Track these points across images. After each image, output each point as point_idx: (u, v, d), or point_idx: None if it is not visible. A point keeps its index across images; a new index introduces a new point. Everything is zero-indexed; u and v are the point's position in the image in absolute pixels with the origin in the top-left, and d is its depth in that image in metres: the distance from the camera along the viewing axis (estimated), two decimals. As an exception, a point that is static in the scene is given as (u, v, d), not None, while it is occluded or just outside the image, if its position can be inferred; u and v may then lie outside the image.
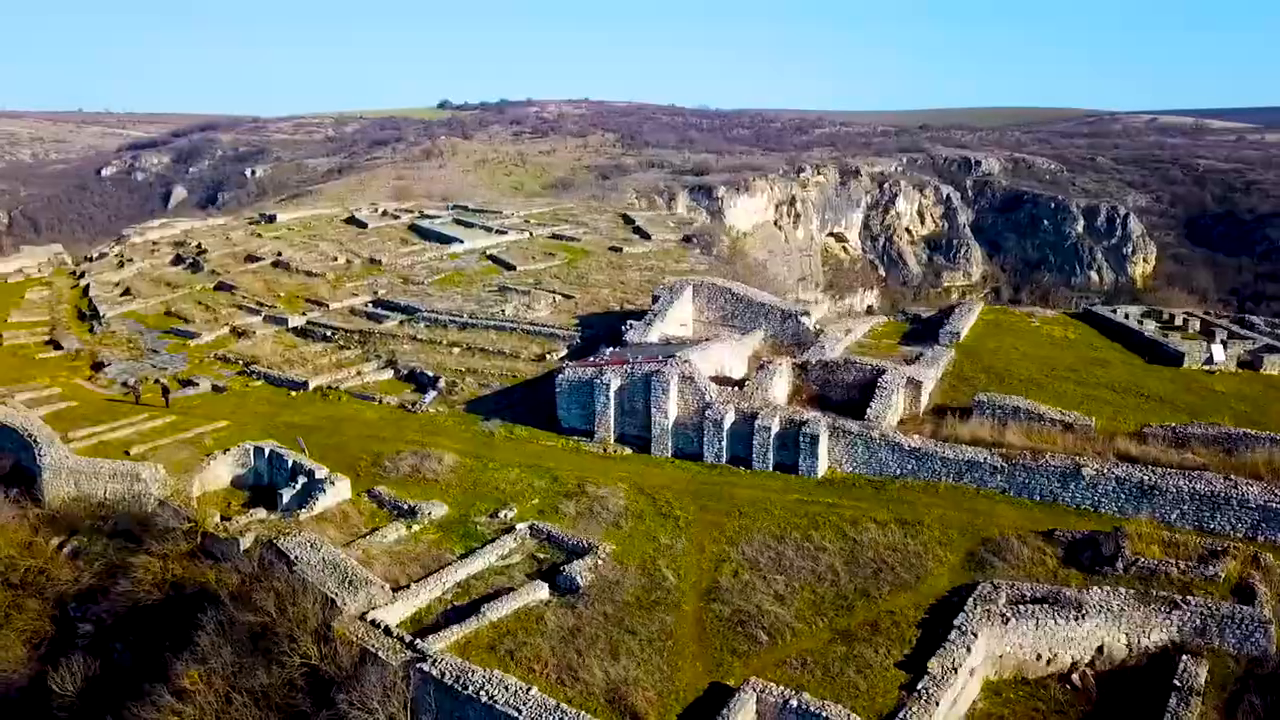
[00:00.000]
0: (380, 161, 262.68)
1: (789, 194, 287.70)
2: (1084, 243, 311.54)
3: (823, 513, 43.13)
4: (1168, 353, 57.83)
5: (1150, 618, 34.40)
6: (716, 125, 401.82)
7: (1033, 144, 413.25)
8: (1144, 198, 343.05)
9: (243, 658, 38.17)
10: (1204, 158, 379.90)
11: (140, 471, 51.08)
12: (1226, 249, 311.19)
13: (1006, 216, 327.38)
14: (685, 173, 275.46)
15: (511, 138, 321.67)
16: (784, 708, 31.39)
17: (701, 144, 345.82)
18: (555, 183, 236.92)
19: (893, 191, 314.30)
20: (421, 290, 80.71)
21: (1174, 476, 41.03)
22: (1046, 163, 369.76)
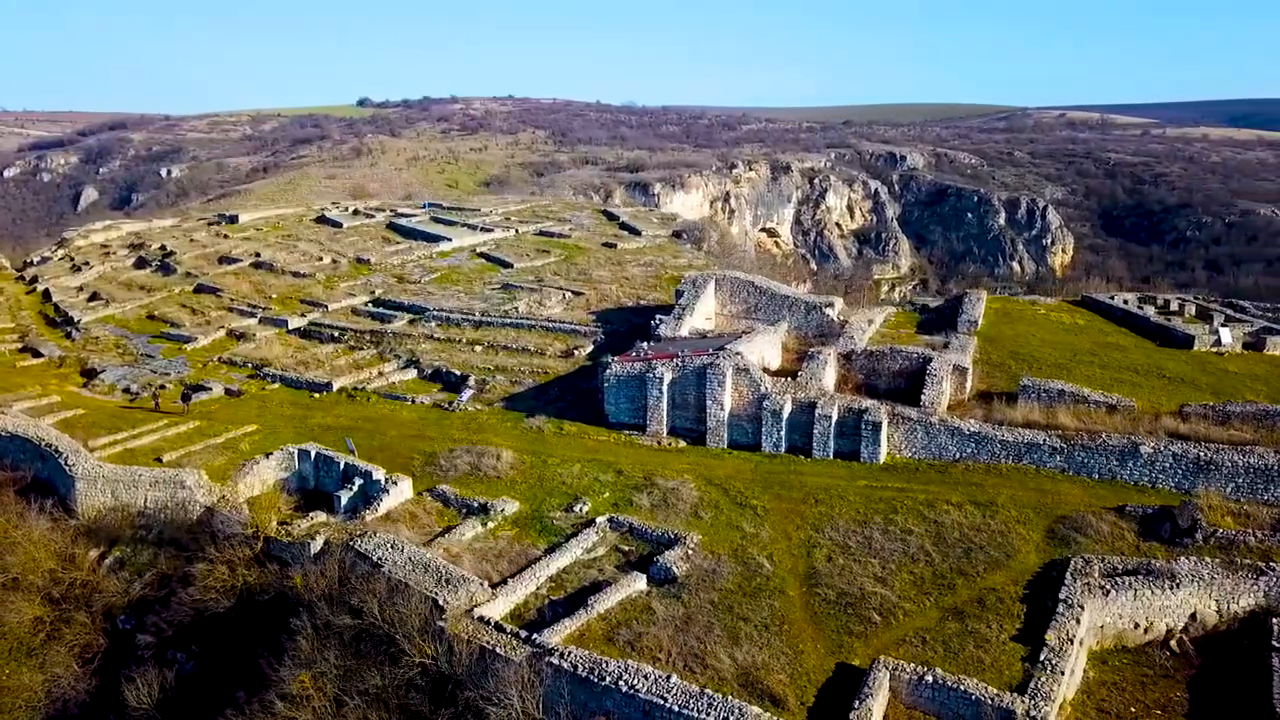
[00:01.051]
0: (307, 160, 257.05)
1: (723, 190, 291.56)
2: (1006, 234, 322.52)
3: (896, 497, 44.41)
4: (1177, 336, 60.79)
5: (1238, 584, 36.43)
6: (646, 122, 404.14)
7: (953, 139, 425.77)
8: (1060, 190, 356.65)
9: (347, 660, 37.71)
10: (1113, 152, 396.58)
11: (184, 478, 49.76)
12: (1138, 238, 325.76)
13: (932, 210, 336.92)
14: (620, 169, 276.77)
15: (440, 135, 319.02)
16: (919, 683, 32.46)
17: (634, 141, 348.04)
18: (490, 180, 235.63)
19: (823, 187, 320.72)
20: (421, 289, 79.82)
21: (1228, 452, 43.42)
22: (968, 157, 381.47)
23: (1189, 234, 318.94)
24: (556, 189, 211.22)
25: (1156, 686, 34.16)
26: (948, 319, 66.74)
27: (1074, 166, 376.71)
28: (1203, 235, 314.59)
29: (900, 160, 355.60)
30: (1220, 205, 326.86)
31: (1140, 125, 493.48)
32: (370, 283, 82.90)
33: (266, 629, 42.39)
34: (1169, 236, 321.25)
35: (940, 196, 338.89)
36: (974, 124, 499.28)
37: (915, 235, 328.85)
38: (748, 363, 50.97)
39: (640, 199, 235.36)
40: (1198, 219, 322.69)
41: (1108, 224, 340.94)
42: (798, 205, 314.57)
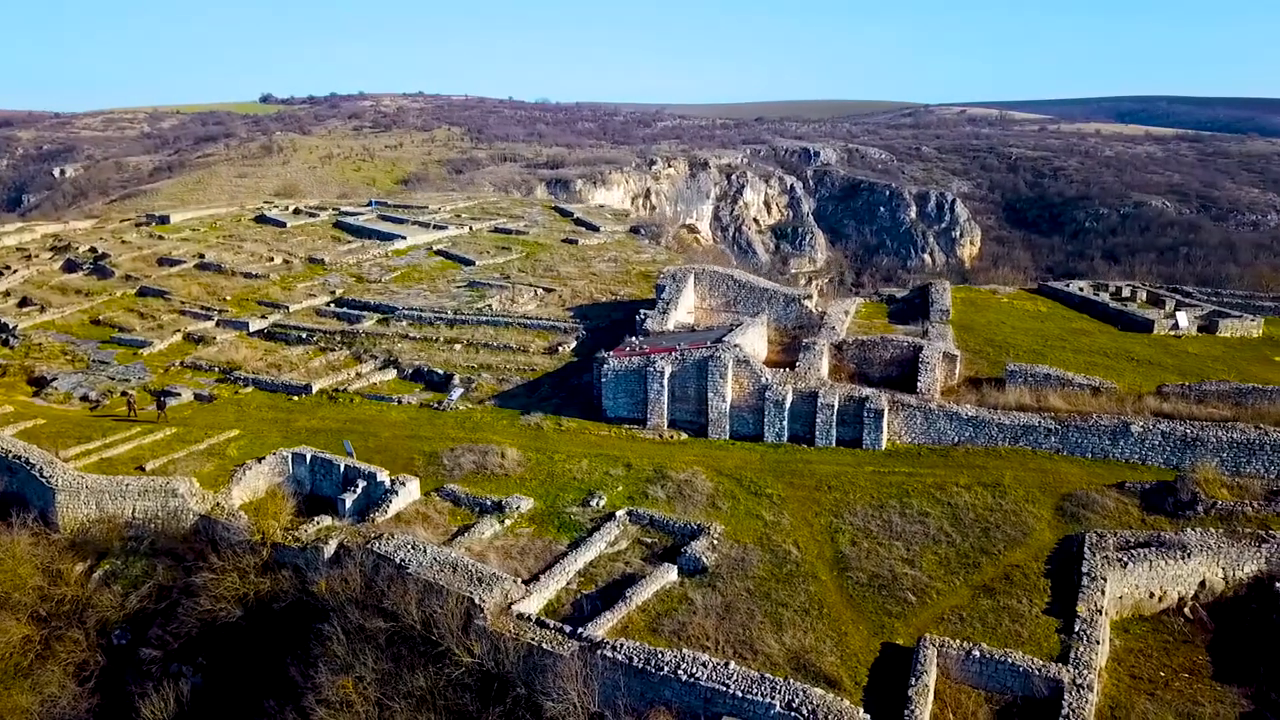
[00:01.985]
0: (215, 159, 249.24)
1: (644, 186, 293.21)
2: (917, 227, 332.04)
3: (906, 481, 45.71)
4: (1136, 321, 63.85)
5: (1243, 552, 38.64)
6: (562, 119, 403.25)
7: (863, 135, 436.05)
8: (966, 184, 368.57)
9: (384, 664, 37.17)
10: (1014, 147, 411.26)
11: (176, 486, 48.14)
12: (1040, 230, 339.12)
13: (846, 205, 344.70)
14: (540, 166, 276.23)
15: (352, 132, 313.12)
16: (967, 658, 33.61)
17: (551, 137, 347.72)
18: (408, 177, 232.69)
19: (740, 183, 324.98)
20: (384, 288, 78.44)
21: (1212, 428, 45.93)
22: (878, 153, 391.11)
23: (1087, 225, 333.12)
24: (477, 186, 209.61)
25: (1179, 651, 36.03)
26: (918, 308, 68.70)
27: (978, 161, 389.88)
28: (1100, 226, 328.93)
29: (814, 156, 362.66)
30: (1115, 197, 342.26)
31: (1037, 121, 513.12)
32: (328, 283, 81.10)
33: (287, 636, 41.49)
34: (1069, 228, 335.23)
35: (853, 191, 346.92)
36: (881, 120, 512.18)
37: (830, 230, 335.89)
38: (747, 354, 51.69)
39: (561, 195, 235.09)
40: (1095, 211, 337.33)
41: (1011, 216, 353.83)
42: (716, 201, 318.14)
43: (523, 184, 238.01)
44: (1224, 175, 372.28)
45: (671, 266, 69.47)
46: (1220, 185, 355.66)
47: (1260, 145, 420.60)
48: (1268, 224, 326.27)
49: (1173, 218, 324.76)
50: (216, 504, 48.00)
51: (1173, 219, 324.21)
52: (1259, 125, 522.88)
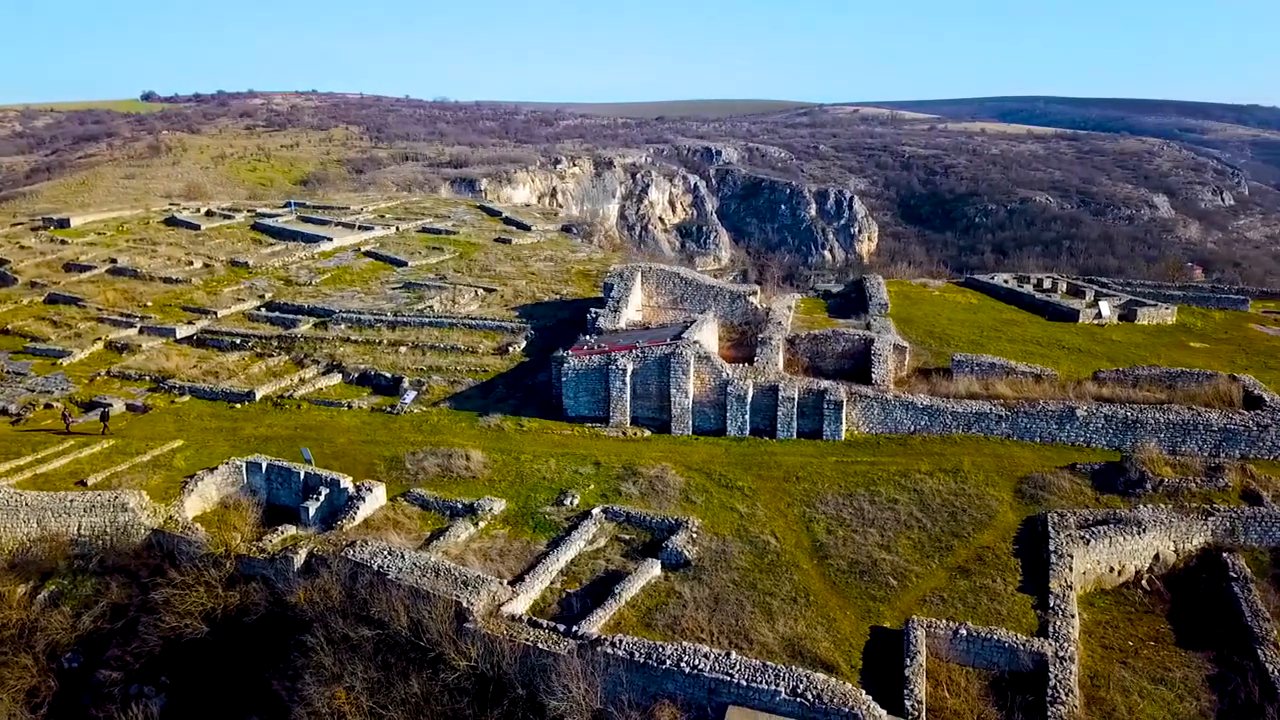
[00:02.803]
0: (98, 159, 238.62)
1: (549, 185, 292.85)
2: (817, 225, 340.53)
3: (870, 470, 47.06)
4: (1063, 311, 67.00)
5: (1191, 526, 41.10)
6: (463, 118, 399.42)
7: (762, 134, 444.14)
8: (863, 182, 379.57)
9: (374, 672, 36.52)
10: (907, 145, 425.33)
11: (126, 500, 46.20)
12: (934, 226, 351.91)
13: (748, 203, 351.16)
14: (443, 165, 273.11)
15: (244, 131, 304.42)
16: (954, 637, 34.93)
17: (453, 136, 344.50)
18: (307, 177, 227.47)
19: (645, 181, 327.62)
20: (315, 291, 76.50)
21: (1150, 410, 48.64)
22: (778, 151, 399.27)
23: (977, 220, 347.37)
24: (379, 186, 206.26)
25: (1142, 621, 38.15)
26: (855, 303, 70.63)
27: (873, 159, 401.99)
28: (989, 221, 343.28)
29: (716, 155, 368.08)
30: (1002, 194, 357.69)
31: (926, 120, 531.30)
32: (255, 286, 78.67)
33: (262, 650, 40.33)
34: (960, 223, 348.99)
35: (755, 190, 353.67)
36: (779, 119, 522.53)
37: (733, 228, 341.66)
38: (708, 350, 52.38)
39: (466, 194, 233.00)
40: (984, 207, 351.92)
41: (906, 213, 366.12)
42: (622, 200, 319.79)
43: (426, 183, 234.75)
44: (1100, 172, 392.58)
45: (617, 265, 69.74)
46: (1097, 181, 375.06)
47: (1132, 144, 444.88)
48: (1141, 218, 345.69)
49: (1056, 213, 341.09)
50: (170, 517, 46.29)
51: (1056, 214, 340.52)
52: (1130, 125, 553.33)
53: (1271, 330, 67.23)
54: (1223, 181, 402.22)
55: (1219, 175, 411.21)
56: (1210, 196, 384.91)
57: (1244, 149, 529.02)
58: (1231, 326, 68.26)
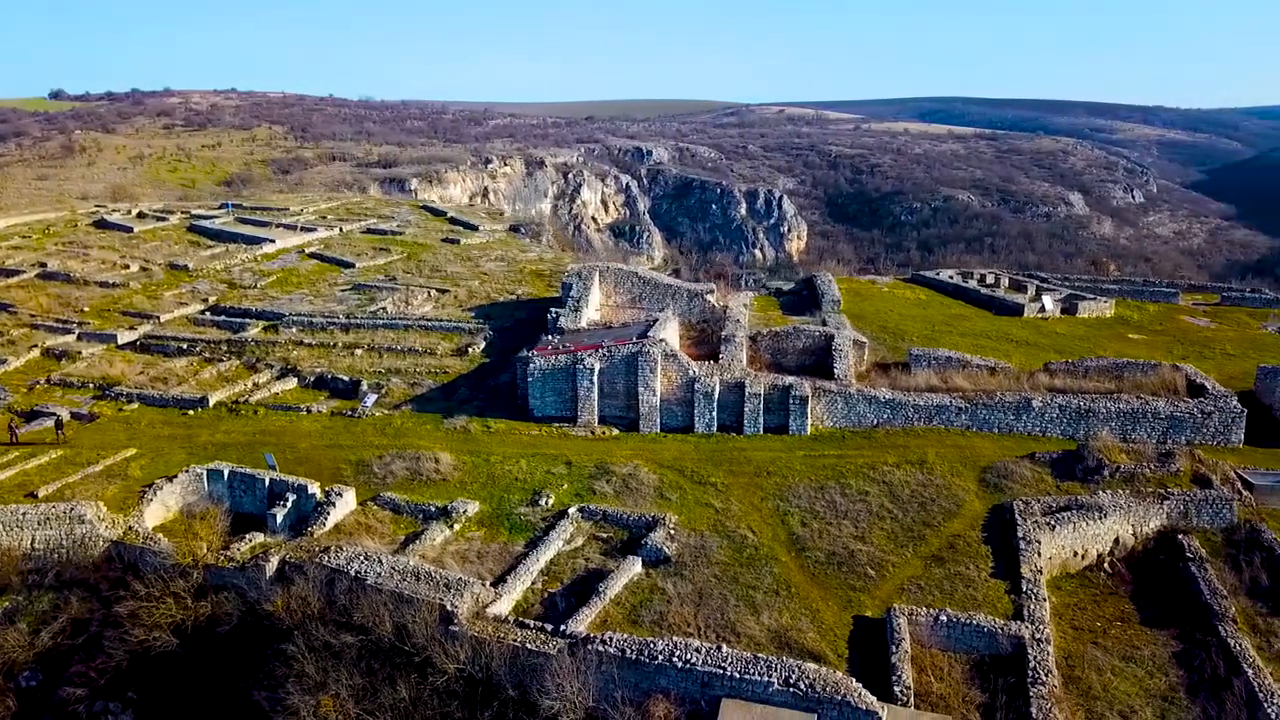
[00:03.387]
0: (6, 160, 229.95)
1: (481, 185, 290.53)
2: (748, 224, 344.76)
3: (838, 463, 47.94)
4: (1008, 306, 69.06)
5: (1148, 510, 42.84)
6: (390, 117, 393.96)
7: (692, 134, 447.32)
8: (791, 181, 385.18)
9: (358, 679, 36.06)
10: (833, 145, 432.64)
11: (83, 512, 44.82)
12: (861, 224, 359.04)
13: (679, 202, 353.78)
14: (372, 165, 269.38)
15: (163, 131, 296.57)
16: (935, 623, 35.90)
17: (380, 136, 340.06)
18: (231, 178, 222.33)
19: (577, 181, 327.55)
20: (262, 294, 74.89)
21: (1101, 400, 50.51)
22: (708, 151, 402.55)
23: (903, 218, 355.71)
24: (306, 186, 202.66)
25: (1108, 603, 39.65)
26: (806, 300, 71.76)
27: (801, 159, 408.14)
28: (914, 219, 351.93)
29: (647, 155, 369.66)
30: (926, 192, 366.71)
31: (851, 120, 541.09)
32: (197, 290, 76.68)
33: (237, 660, 39.47)
34: (887, 221, 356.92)
35: (686, 189, 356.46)
36: (707, 119, 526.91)
37: (665, 227, 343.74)
38: (673, 348, 52.76)
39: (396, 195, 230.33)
40: (909, 205, 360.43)
41: (834, 211, 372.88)
42: (554, 199, 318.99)
43: (355, 184, 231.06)
44: (1019, 171, 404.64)
45: (575, 265, 69.73)
46: (1016, 180, 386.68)
47: (1048, 143, 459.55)
48: (1058, 215, 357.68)
49: (978, 210, 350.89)
50: (130, 528, 45.03)
51: (978, 211, 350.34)
52: (1044, 125, 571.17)
53: (1202, 321, 70.31)
54: (1133, 180, 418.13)
55: (1129, 174, 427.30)
56: (1121, 194, 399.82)
57: (1150, 148, 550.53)
58: (1165, 318, 71.20)
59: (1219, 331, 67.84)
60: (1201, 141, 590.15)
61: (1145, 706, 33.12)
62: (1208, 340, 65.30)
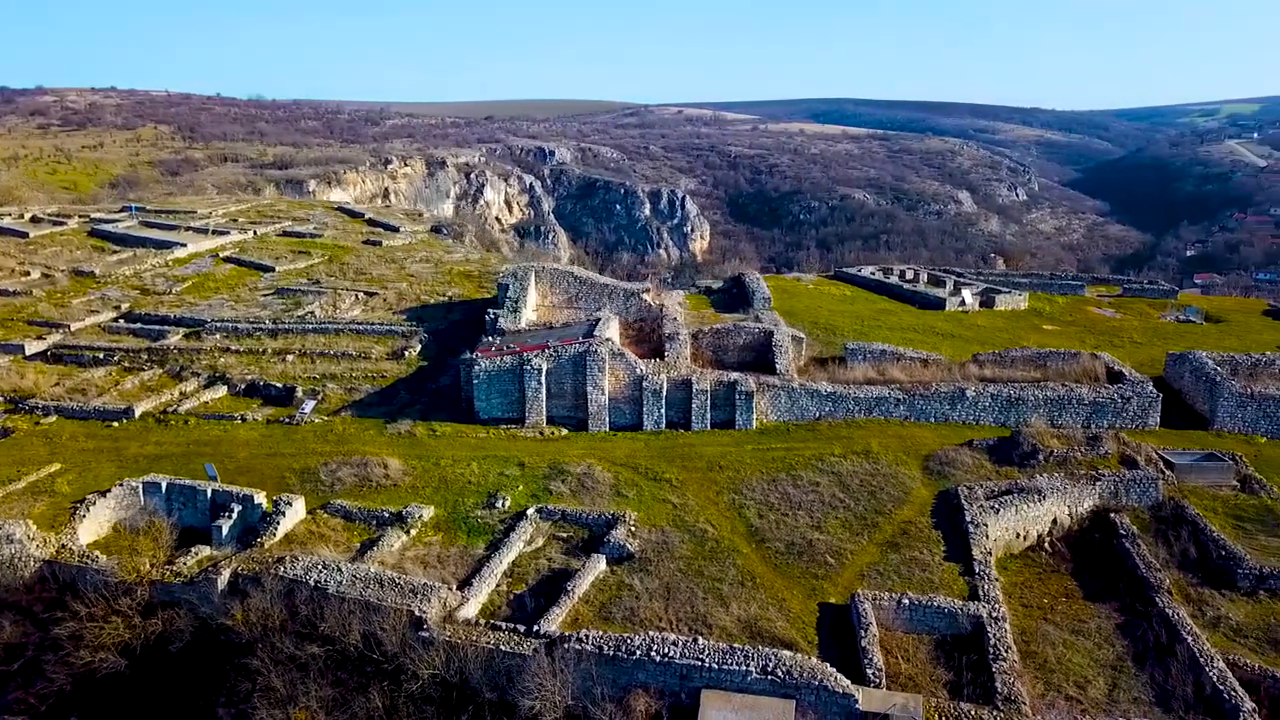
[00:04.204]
0: None
1: (381, 186, 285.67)
2: (652, 224, 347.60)
3: (786, 456, 49.02)
4: (930, 300, 71.52)
5: (1082, 491, 45.12)
6: (283, 117, 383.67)
7: (594, 134, 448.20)
8: (693, 181, 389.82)
9: (327, 690, 35.36)
10: (733, 145, 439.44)
11: (10, 531, 42.78)
12: (761, 223, 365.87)
13: (583, 203, 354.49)
14: (267, 166, 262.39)
15: (38, 131, 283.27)
16: (899, 607, 37.14)
17: (274, 136, 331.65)
18: (116, 180, 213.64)
19: (480, 181, 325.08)
20: (178, 300, 72.21)
21: (1030, 388, 52.90)
22: (610, 151, 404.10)
23: (802, 217, 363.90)
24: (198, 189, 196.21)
25: (1051, 580, 41.65)
26: (736, 297, 72.96)
27: (701, 159, 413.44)
28: (813, 218, 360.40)
29: (550, 155, 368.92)
30: (824, 191, 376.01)
31: (748, 121, 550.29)
32: (108, 297, 73.44)
33: (193, 677, 38.22)
34: (786, 220, 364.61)
35: (590, 190, 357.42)
36: (607, 119, 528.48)
37: (571, 228, 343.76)
38: (620, 347, 53.09)
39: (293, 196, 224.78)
40: (807, 204, 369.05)
41: (735, 211, 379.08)
42: (457, 200, 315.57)
43: (249, 185, 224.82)
44: (910, 170, 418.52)
45: (510, 266, 69.32)
46: (908, 179, 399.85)
47: (936, 143, 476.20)
48: (949, 213, 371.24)
49: (873, 209, 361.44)
50: (63, 546, 43.10)
51: (873, 210, 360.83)
52: (932, 126, 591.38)
53: (1107, 312, 74.15)
54: (1016, 179, 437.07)
55: (1012, 173, 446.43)
56: (1006, 192, 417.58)
57: (1030, 148, 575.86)
58: (1074, 309, 74.85)
59: (1124, 321, 71.72)
60: (1076, 142, 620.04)
61: (1098, 676, 34.92)
62: (1115, 330, 68.98)
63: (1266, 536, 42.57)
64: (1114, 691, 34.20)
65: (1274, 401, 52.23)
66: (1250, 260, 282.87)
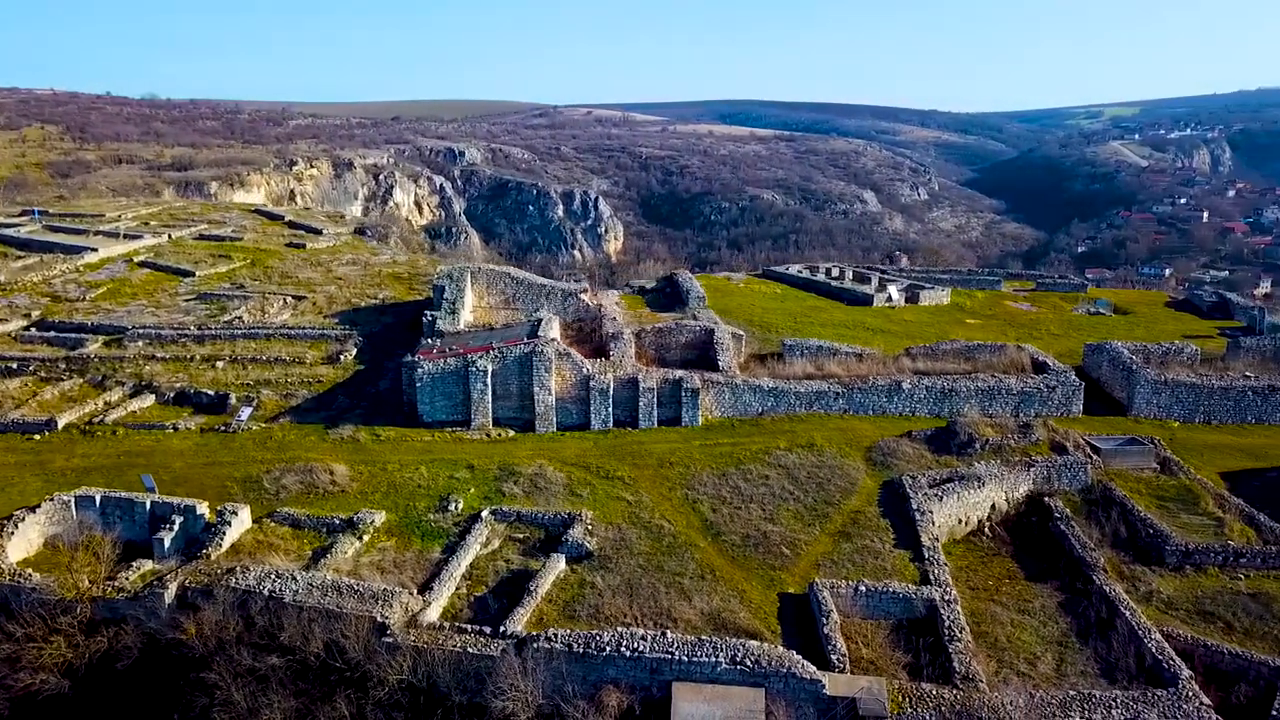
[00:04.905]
0: None
1: (286, 188, 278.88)
2: (565, 225, 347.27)
3: (733, 451, 49.83)
4: (859, 297, 73.40)
5: (1017, 477, 47.06)
6: (180, 117, 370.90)
7: (503, 135, 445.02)
8: (605, 183, 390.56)
9: (289, 701, 34.68)
10: (643, 147, 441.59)
11: (-63, 551, 40.66)
12: (674, 224, 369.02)
13: (495, 204, 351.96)
14: (165, 168, 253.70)
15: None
16: (855, 593, 38.22)
17: (171, 137, 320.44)
18: (5, 182, 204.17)
19: (389, 183, 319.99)
20: (94, 306, 69.40)
21: (962, 379, 54.87)
22: (521, 152, 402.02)
23: (713, 218, 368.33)
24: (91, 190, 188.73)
25: (994, 563, 43.35)
26: (671, 297, 73.67)
27: (613, 160, 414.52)
28: (724, 219, 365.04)
29: (459, 156, 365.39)
30: (734, 192, 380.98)
31: (657, 122, 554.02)
32: (15, 304, 70.14)
33: (142, 696, 37.00)
34: (698, 221, 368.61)
35: (502, 191, 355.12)
36: (516, 120, 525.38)
37: (483, 229, 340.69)
38: (566, 347, 53.18)
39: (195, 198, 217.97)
40: (718, 205, 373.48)
41: (648, 212, 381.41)
42: (365, 201, 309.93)
43: (147, 188, 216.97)
44: (817, 170, 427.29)
45: (444, 267, 68.59)
46: (815, 179, 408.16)
47: (841, 144, 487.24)
48: (855, 212, 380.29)
49: (782, 209, 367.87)
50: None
51: (782, 210, 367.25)
52: (836, 127, 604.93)
53: (1024, 306, 77.27)
54: (917, 179, 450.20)
55: (914, 173, 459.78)
56: (909, 192, 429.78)
57: (929, 149, 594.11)
58: (993, 304, 77.78)
59: (1040, 314, 74.87)
60: (972, 143, 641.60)
61: (1046, 653, 36.52)
62: (1033, 322, 71.94)
63: (1187, 515, 45.07)
64: (1062, 666, 35.81)
65: (1185, 388, 55.28)
66: (1136, 256, 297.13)
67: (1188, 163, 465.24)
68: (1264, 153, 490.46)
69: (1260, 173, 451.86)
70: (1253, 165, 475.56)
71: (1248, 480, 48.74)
